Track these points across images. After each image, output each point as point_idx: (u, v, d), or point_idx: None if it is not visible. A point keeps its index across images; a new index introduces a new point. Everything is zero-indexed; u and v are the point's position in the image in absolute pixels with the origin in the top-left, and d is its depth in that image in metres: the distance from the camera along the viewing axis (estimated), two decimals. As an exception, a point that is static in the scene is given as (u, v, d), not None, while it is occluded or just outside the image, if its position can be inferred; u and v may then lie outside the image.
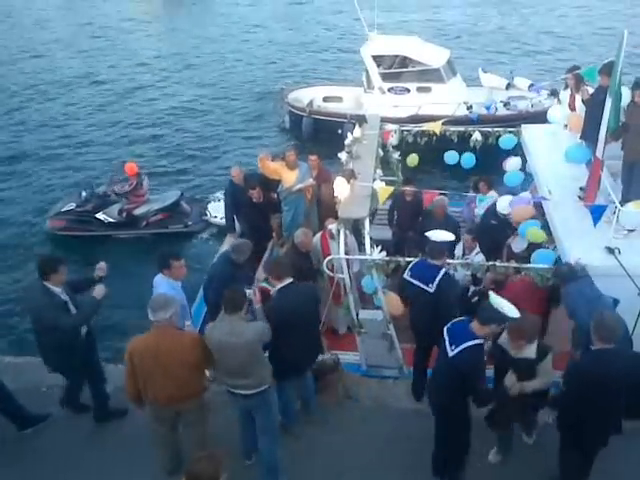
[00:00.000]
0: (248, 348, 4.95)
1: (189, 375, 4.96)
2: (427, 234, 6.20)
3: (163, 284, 5.87)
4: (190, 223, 12.75)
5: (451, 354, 4.87)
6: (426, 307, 5.98)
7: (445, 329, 5.08)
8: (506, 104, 14.81)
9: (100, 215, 12.21)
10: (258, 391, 5.14)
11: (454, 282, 6.30)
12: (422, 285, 6.00)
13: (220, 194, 13.51)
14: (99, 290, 5.75)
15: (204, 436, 5.34)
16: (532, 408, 5.33)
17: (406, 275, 6.15)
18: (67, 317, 5.56)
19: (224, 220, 12.22)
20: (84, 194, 12.45)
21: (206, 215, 12.87)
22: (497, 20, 27.89)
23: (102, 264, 5.99)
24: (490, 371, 5.25)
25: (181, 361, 4.86)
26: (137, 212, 12.35)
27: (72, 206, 12.33)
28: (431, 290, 5.92)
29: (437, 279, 5.91)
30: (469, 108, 14.06)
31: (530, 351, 4.98)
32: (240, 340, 4.90)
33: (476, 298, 6.88)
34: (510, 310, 4.88)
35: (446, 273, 6.03)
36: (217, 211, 12.67)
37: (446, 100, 14.61)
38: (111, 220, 12.22)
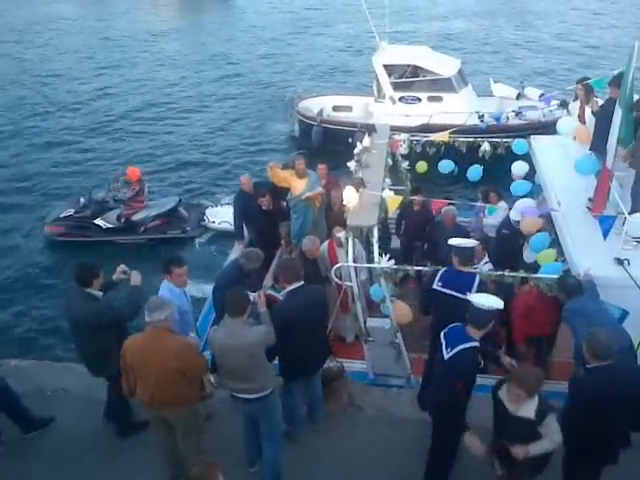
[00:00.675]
0: (250, 351, 4.96)
1: (174, 380, 4.93)
2: (450, 242, 6.08)
3: (164, 289, 5.87)
4: (188, 228, 12.83)
5: (447, 356, 4.91)
6: (461, 314, 5.68)
7: (442, 334, 5.11)
8: (518, 114, 14.79)
9: (98, 221, 12.31)
10: (260, 396, 5.16)
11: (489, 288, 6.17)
12: (457, 294, 5.82)
13: (222, 198, 13.73)
14: (136, 277, 5.78)
15: (198, 446, 5.31)
16: (544, 466, 5.00)
17: (436, 286, 5.99)
18: (122, 311, 5.58)
19: (223, 225, 12.50)
20: (82, 200, 12.52)
21: (204, 220, 12.96)
22: (505, 31, 27.91)
23: (123, 266, 5.97)
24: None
25: (164, 364, 4.87)
26: (135, 218, 12.41)
27: (71, 212, 12.42)
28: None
29: (475, 286, 5.82)
30: (480, 117, 14.06)
31: (529, 409, 4.63)
32: (242, 343, 4.93)
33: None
34: (495, 302, 4.93)
35: (484, 283, 5.96)
36: (215, 216, 12.84)
37: (457, 110, 14.63)
38: (109, 226, 12.30)
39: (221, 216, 12.79)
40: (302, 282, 5.64)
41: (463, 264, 5.95)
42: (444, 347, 4.98)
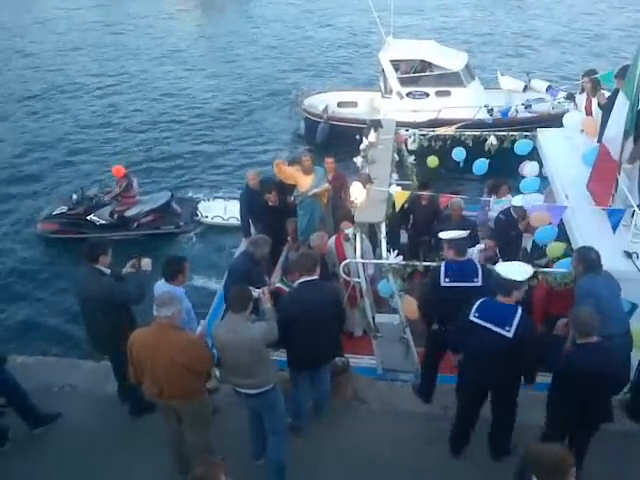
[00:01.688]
0: (251, 348, 4.99)
1: (181, 375, 4.99)
2: (440, 235, 6.17)
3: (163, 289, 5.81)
4: (182, 223, 12.90)
5: (510, 334, 4.96)
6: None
7: (474, 318, 5.14)
8: (527, 107, 14.69)
9: (92, 217, 12.32)
10: (262, 391, 5.19)
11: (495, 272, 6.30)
12: (467, 284, 5.88)
13: (216, 192, 13.92)
14: (146, 263, 6.00)
15: (205, 439, 5.35)
16: None
17: (444, 283, 5.97)
18: (131, 293, 5.80)
19: (216, 219, 12.76)
20: (75, 197, 12.54)
21: (197, 215, 13.05)
22: (508, 22, 27.58)
23: (134, 261, 6.13)
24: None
25: (172, 360, 4.92)
26: (128, 214, 12.45)
27: (64, 209, 12.43)
28: (479, 284, 5.87)
29: (480, 273, 5.89)
30: (490, 111, 13.99)
31: None
32: (242, 339, 4.96)
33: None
34: (521, 273, 5.12)
35: (484, 265, 6.01)
36: (208, 210, 12.98)
37: (466, 104, 14.56)
38: (103, 222, 12.32)
39: (214, 210, 12.97)
40: (315, 277, 5.65)
41: (460, 255, 5.99)
42: (495, 327, 5.03)
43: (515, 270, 5.19)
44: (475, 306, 5.19)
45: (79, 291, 6.00)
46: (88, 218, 12.33)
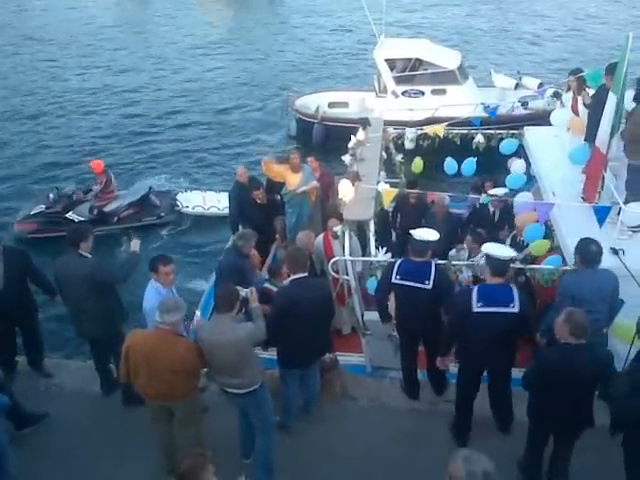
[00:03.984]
0: (237, 348, 4.97)
1: (179, 379, 5.00)
2: (411, 232, 6.16)
3: (151, 290, 5.84)
4: (163, 214, 12.87)
5: (517, 310, 5.23)
6: (424, 304, 5.92)
7: (479, 308, 5.28)
8: (524, 104, 14.66)
9: (71, 215, 12.15)
10: (249, 391, 5.18)
11: (448, 275, 6.31)
12: (417, 284, 5.90)
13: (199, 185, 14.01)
14: (135, 244, 6.22)
15: (196, 436, 5.35)
16: None
17: (395, 280, 5.99)
18: (113, 272, 6.05)
19: (197, 209, 12.81)
20: (52, 195, 12.41)
21: (177, 206, 13.06)
22: (493, 20, 27.40)
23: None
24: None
25: (171, 368, 4.92)
26: (108, 208, 12.39)
27: (42, 208, 12.30)
28: (429, 287, 5.86)
29: (432, 276, 5.86)
30: (487, 108, 13.96)
31: None
32: (229, 339, 4.94)
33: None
34: (510, 251, 5.54)
35: (437, 266, 6.00)
36: (188, 201, 13.02)
37: (461, 102, 14.51)
38: (82, 219, 12.12)
39: (193, 201, 13.02)
40: (306, 274, 5.67)
41: (415, 255, 5.99)
42: (502, 308, 5.23)
43: (505, 250, 5.56)
44: (474, 296, 5.30)
45: (60, 276, 6.07)
46: (67, 215, 12.15)
